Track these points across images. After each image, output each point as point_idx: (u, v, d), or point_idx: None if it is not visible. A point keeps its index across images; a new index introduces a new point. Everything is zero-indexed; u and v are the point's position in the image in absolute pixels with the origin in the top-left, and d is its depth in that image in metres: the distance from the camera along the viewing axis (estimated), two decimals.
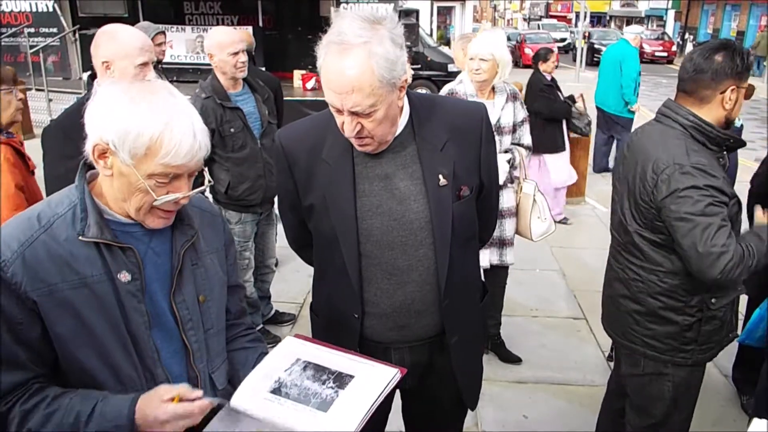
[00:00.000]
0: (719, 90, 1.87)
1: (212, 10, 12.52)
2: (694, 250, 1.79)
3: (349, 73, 1.34)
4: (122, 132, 1.12)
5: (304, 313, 4.03)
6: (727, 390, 3.27)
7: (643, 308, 2.04)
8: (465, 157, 1.58)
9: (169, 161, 1.14)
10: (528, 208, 3.25)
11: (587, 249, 5.19)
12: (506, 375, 3.38)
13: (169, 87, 1.21)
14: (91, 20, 12.32)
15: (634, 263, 2.04)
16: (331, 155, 1.55)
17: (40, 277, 1.13)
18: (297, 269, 4.46)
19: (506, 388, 3.26)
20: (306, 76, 11.22)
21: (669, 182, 1.83)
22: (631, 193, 1.98)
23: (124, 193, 1.18)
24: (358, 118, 1.40)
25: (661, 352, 2.04)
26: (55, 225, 1.17)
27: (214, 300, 1.36)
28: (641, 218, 1.96)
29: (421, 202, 1.53)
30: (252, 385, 1.30)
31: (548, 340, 3.79)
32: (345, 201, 1.53)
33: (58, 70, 12.12)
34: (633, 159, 2.01)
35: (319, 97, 10.46)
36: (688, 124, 1.90)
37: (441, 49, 13.35)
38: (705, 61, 1.87)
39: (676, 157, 1.84)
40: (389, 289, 1.58)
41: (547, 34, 26.92)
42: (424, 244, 1.55)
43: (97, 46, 2.15)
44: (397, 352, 1.67)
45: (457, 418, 1.91)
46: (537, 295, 4.39)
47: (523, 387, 3.31)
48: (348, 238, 1.54)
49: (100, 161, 1.17)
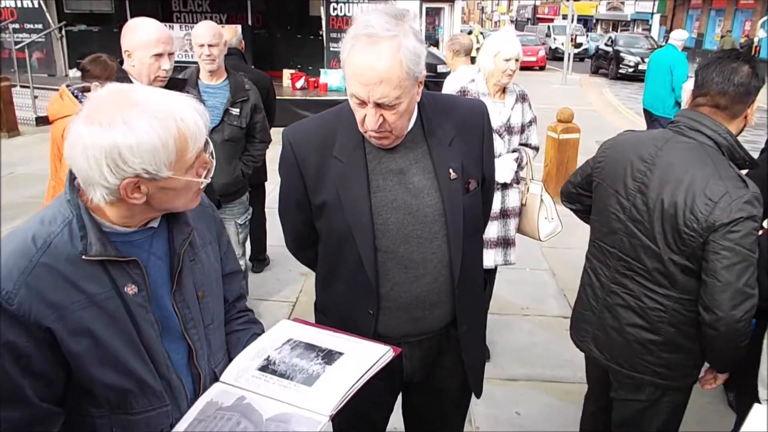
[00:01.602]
0: (748, 104, 1.82)
1: (201, 8, 12.46)
2: (728, 284, 1.71)
3: (379, 65, 1.36)
4: (148, 157, 1.06)
5: (297, 311, 4.04)
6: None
7: (661, 338, 1.92)
8: (470, 152, 1.63)
9: (198, 144, 1.13)
10: (535, 208, 3.28)
11: (577, 249, 5.17)
12: (498, 373, 3.41)
13: (124, 87, 1.14)
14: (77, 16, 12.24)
15: (658, 291, 1.90)
16: (343, 152, 1.56)
17: (49, 302, 1.07)
18: (290, 268, 4.46)
19: (498, 385, 3.28)
20: (295, 75, 11.20)
21: (729, 210, 1.70)
22: (671, 217, 1.80)
23: (165, 204, 1.17)
24: (381, 111, 1.42)
25: (671, 378, 1.98)
26: (53, 245, 1.10)
27: (212, 294, 1.35)
28: (681, 245, 1.79)
29: (434, 195, 1.57)
30: (242, 364, 1.32)
31: (539, 338, 3.82)
32: (360, 197, 1.54)
33: (43, 67, 11.97)
34: (663, 180, 1.83)
35: (308, 96, 10.46)
36: (725, 143, 1.80)
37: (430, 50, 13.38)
38: (734, 75, 1.78)
39: (732, 183, 1.73)
40: (405, 283, 1.60)
41: (535, 36, 27.11)
42: (438, 236, 1.58)
43: (123, 37, 2.41)
44: (407, 347, 1.68)
45: (464, 407, 1.94)
46: (528, 293, 4.42)
47: (515, 384, 3.34)
48: (364, 233, 1.55)
49: (135, 195, 1.11)
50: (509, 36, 3.19)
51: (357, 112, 1.47)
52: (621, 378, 2.08)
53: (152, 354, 1.20)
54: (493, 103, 3.08)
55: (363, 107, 1.43)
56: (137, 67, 2.44)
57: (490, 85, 3.11)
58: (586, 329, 2.17)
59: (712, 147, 1.80)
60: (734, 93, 1.78)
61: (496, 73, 3.07)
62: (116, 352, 1.14)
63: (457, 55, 4.59)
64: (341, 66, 1.45)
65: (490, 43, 3.13)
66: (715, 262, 1.72)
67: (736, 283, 1.70)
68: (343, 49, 1.42)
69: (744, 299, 1.71)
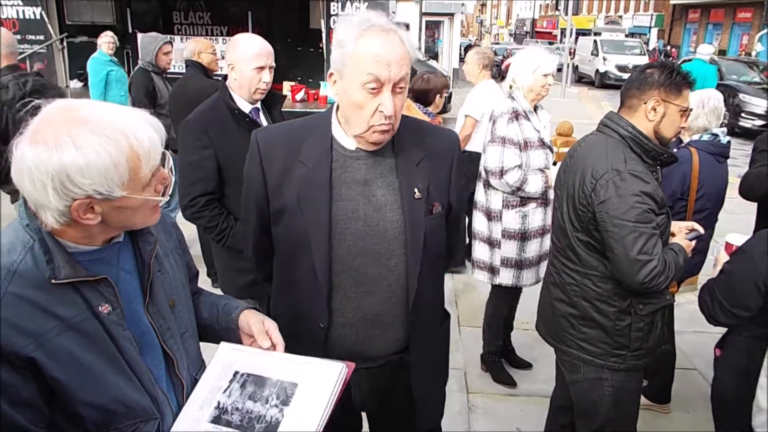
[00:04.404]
0: (643, 100, 1.97)
1: (202, 21, 12.52)
2: (624, 255, 1.87)
3: (396, 47, 1.43)
4: (98, 178, 1.03)
5: None
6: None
7: (578, 312, 2.10)
8: (437, 176, 1.62)
9: (152, 162, 1.10)
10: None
11: None
12: (499, 388, 3.39)
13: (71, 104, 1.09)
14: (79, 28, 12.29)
15: (570, 267, 2.10)
16: (309, 157, 1.55)
17: (24, 332, 1.04)
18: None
19: (499, 400, 3.26)
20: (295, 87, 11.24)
21: (607, 187, 1.89)
22: (571, 197, 2.04)
23: (123, 222, 1.13)
24: (393, 96, 1.44)
25: (595, 356, 2.11)
26: (18, 273, 1.06)
27: (181, 302, 1.34)
28: (578, 222, 2.02)
29: (397, 212, 1.55)
30: (191, 415, 1.24)
31: (539, 353, 3.78)
32: (320, 203, 1.52)
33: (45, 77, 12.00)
34: (574, 166, 2.07)
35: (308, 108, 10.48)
36: (627, 134, 1.98)
37: (430, 63, 13.44)
38: (638, 74, 2.02)
39: (614, 164, 1.92)
40: (356, 298, 1.57)
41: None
42: (396, 254, 1.56)
43: (227, 51, 2.56)
44: (354, 375, 1.55)
45: None
46: (527, 308, 4.33)
47: (515, 399, 3.32)
48: (320, 241, 1.53)
49: (88, 215, 1.07)
50: (546, 52, 3.23)
51: (367, 104, 1.44)
52: (562, 357, 2.26)
53: (135, 370, 1.18)
54: (538, 120, 3.15)
55: (376, 95, 1.43)
56: (239, 80, 2.49)
57: (529, 100, 3.14)
58: (539, 314, 2.40)
59: (616, 138, 2.01)
60: (627, 87, 2.04)
61: (536, 88, 3.11)
62: (102, 373, 1.12)
63: (485, 68, 4.64)
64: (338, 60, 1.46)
65: (528, 59, 3.15)
66: (608, 239, 1.92)
67: (628, 254, 1.87)
68: (344, 41, 1.44)
69: (641, 266, 1.87)
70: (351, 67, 1.43)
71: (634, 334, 2.05)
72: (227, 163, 2.42)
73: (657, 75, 1.96)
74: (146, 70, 4.73)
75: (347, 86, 1.46)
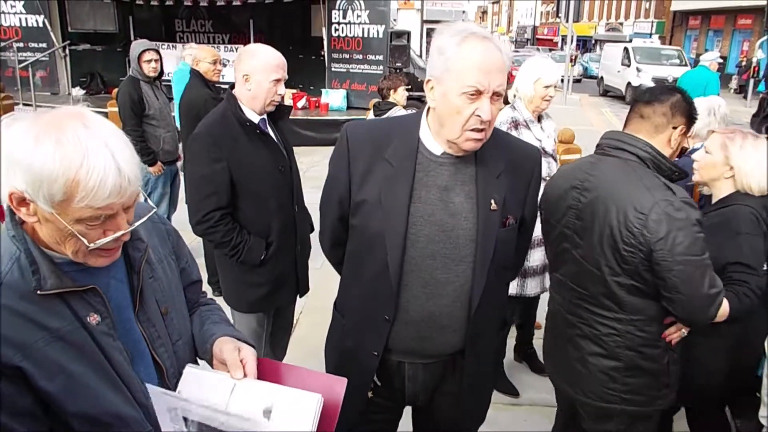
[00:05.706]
0: (674, 124, 1.86)
1: (203, 28, 12.58)
2: (694, 293, 1.72)
3: (497, 55, 1.46)
4: (31, 180, 1.00)
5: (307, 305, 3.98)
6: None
7: (622, 363, 1.90)
8: (516, 190, 1.65)
9: (92, 203, 1.03)
10: None
11: None
12: (502, 397, 3.36)
13: (86, 116, 1.06)
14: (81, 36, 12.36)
15: (608, 316, 1.88)
16: (394, 156, 1.60)
17: (11, 343, 1.02)
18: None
19: (502, 410, 3.23)
20: (297, 95, 11.26)
21: (661, 221, 1.70)
22: (609, 239, 1.81)
23: (56, 238, 1.09)
24: (491, 104, 1.47)
25: (641, 404, 1.95)
26: (5, 284, 1.05)
27: (175, 309, 1.32)
28: (623, 265, 1.80)
29: (471, 220, 1.58)
30: None
31: None
32: (399, 202, 1.57)
33: (47, 85, 12.08)
34: (596, 204, 1.86)
35: (309, 116, 10.50)
36: (647, 156, 1.84)
37: None
38: (666, 92, 1.90)
39: (660, 193, 1.74)
40: (420, 298, 1.60)
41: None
42: (465, 261, 1.59)
43: (240, 61, 2.45)
44: (411, 368, 1.70)
45: None
46: None
47: (518, 409, 3.29)
48: (395, 239, 1.57)
49: (21, 209, 1.05)
50: (549, 62, 3.19)
51: (464, 109, 1.47)
52: (589, 409, 2.05)
53: (126, 382, 1.16)
54: (539, 130, 3.13)
55: (475, 101, 1.46)
56: (253, 91, 2.43)
57: (530, 110, 3.12)
58: (555, 364, 2.17)
59: (635, 161, 1.85)
60: (656, 104, 1.86)
61: (536, 99, 3.08)
62: (92, 385, 1.10)
63: None
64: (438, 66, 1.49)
65: (530, 69, 3.10)
66: (672, 279, 1.72)
67: (699, 292, 1.73)
68: (444, 48, 1.47)
69: (713, 300, 1.75)
70: (452, 73, 1.47)
71: (672, 368, 1.94)
72: (240, 176, 2.38)
73: (685, 102, 1.87)
74: (135, 79, 4.67)
75: (447, 91, 1.49)
